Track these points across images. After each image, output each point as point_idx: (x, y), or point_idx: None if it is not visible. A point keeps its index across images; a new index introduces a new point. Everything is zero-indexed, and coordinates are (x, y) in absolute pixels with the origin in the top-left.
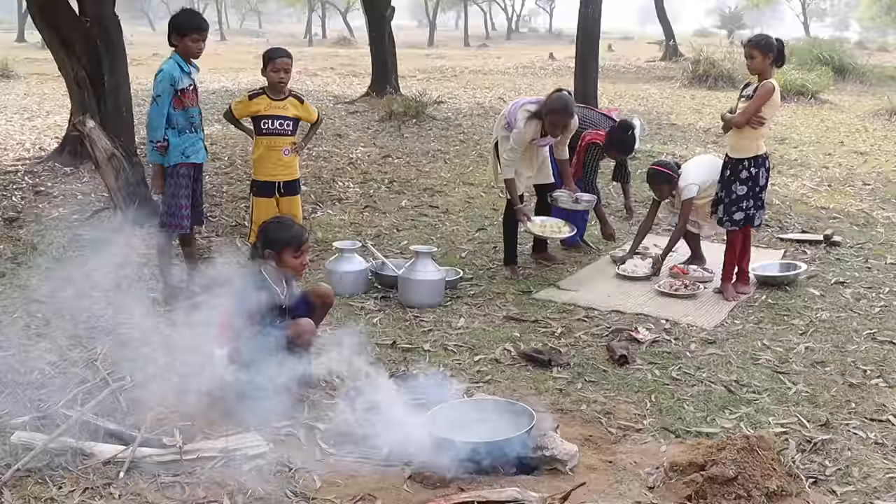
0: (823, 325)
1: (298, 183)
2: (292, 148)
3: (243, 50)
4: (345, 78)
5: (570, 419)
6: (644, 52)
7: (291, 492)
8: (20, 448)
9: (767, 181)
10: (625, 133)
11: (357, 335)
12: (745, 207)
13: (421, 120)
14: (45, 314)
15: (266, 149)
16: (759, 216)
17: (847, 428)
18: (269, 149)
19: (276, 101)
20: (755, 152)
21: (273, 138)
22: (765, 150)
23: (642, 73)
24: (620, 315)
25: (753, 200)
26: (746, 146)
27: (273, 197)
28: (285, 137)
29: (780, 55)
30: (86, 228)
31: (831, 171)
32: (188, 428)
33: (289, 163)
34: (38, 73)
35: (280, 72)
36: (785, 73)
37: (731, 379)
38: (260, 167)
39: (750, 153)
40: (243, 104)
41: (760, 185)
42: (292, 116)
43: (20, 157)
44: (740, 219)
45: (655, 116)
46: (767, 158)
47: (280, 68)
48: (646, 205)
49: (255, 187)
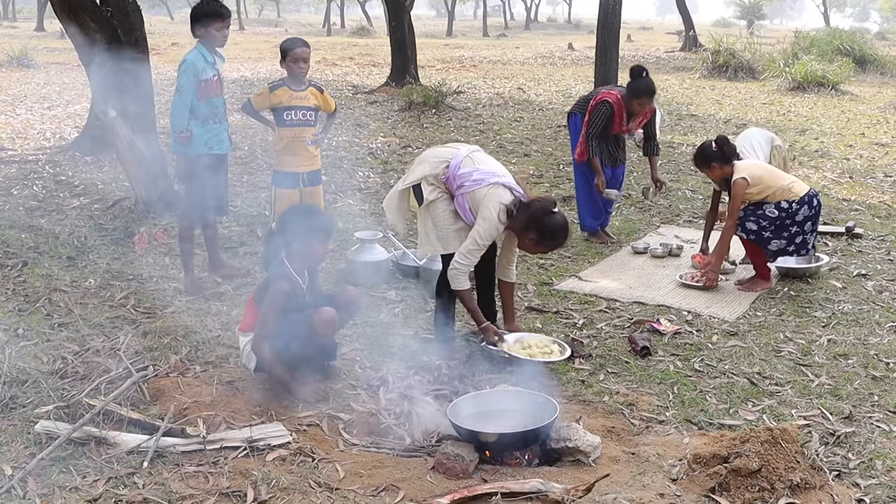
0: (846, 317)
1: (320, 173)
2: (314, 139)
3: (261, 40)
4: (364, 68)
5: (592, 410)
6: (663, 42)
7: (315, 482)
8: (44, 437)
9: (809, 221)
10: (640, 77)
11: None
12: (762, 226)
13: (440, 110)
14: (67, 303)
15: (290, 140)
16: (778, 244)
17: (870, 421)
18: (293, 140)
19: (297, 91)
20: (791, 196)
21: (298, 129)
22: (804, 192)
23: (662, 63)
24: (642, 306)
25: (777, 227)
26: (764, 190)
27: (297, 188)
28: (309, 128)
29: (725, 150)
30: (107, 218)
31: (852, 163)
32: (212, 417)
33: (313, 153)
34: (58, 62)
35: (300, 62)
36: (806, 64)
37: (754, 371)
38: (284, 159)
39: (776, 198)
40: (263, 96)
41: (795, 220)
42: (314, 106)
43: (41, 147)
44: (751, 230)
45: (675, 107)
46: (814, 197)
47: (299, 58)
48: (667, 195)
49: (279, 178)
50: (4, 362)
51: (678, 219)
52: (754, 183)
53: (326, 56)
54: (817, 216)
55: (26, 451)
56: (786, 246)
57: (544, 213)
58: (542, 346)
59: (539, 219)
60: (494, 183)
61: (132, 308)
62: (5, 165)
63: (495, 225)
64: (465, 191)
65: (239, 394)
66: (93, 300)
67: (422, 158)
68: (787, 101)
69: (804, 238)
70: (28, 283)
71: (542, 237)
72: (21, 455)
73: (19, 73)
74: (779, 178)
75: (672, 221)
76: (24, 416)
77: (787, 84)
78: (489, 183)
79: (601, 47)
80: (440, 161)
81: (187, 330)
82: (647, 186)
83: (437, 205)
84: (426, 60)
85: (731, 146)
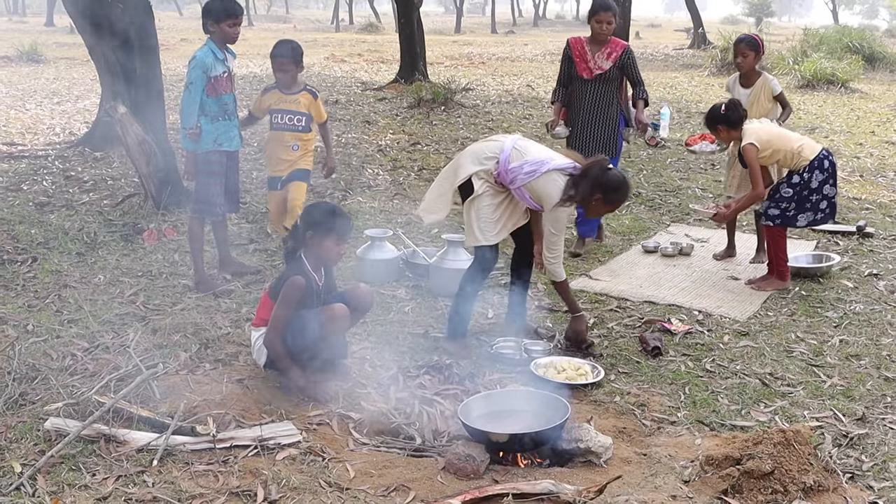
0: (857, 317)
1: (305, 172)
2: (302, 145)
3: (270, 35)
4: (373, 64)
5: (603, 411)
6: (672, 39)
7: (325, 482)
8: (53, 434)
9: (826, 184)
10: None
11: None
12: (783, 208)
13: (449, 107)
14: (76, 299)
15: (274, 143)
16: (806, 218)
17: (883, 422)
18: (275, 142)
19: (286, 94)
20: (800, 163)
21: (280, 133)
22: (814, 154)
23: (670, 60)
24: (653, 306)
25: (797, 203)
26: (774, 155)
27: (277, 191)
28: (294, 132)
29: (731, 115)
30: (116, 214)
31: (863, 162)
32: (221, 416)
33: (292, 160)
34: (67, 57)
35: (278, 71)
36: (815, 61)
37: (766, 371)
38: (268, 161)
39: (796, 165)
40: (258, 100)
41: (812, 188)
42: (303, 111)
43: (50, 142)
44: (775, 215)
45: (684, 105)
46: (824, 159)
47: (278, 68)
48: (676, 194)
49: (268, 179)
50: (14, 358)
51: (688, 217)
52: (763, 147)
53: (335, 52)
54: (833, 175)
55: (36, 448)
56: (814, 216)
57: (602, 174)
58: (577, 368)
59: (600, 180)
60: (547, 171)
61: (142, 305)
62: (15, 161)
63: (562, 209)
64: (521, 184)
65: (249, 392)
66: (102, 296)
67: (468, 153)
68: (796, 98)
69: (830, 202)
70: (38, 278)
71: (606, 196)
72: (30, 452)
73: (29, 69)
74: (788, 141)
75: (682, 220)
76: (33, 413)
77: (797, 82)
78: (542, 172)
79: None
80: (488, 157)
81: (197, 327)
82: (629, 129)
83: (483, 198)
84: (435, 57)
85: (739, 112)
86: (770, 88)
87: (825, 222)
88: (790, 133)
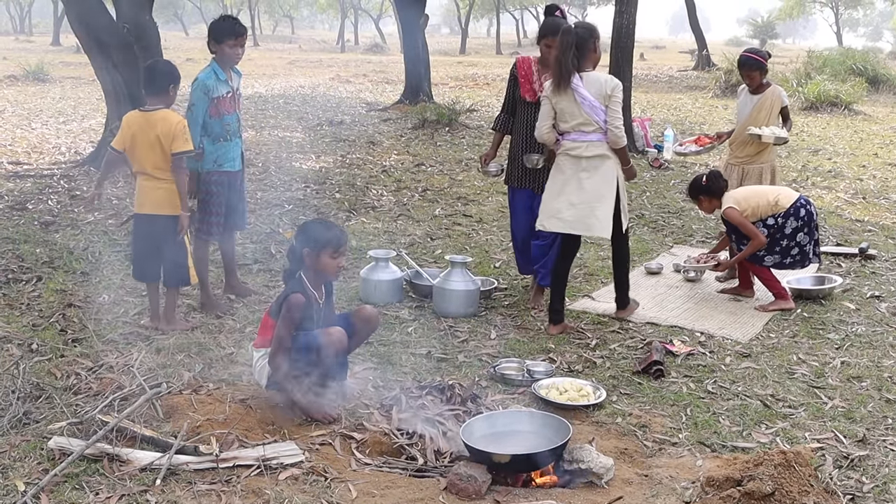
0: (859, 339)
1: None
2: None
3: (276, 56)
4: (378, 85)
5: (605, 432)
6: (676, 61)
7: (328, 502)
8: (57, 453)
9: (801, 231)
10: (552, 14)
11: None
12: (761, 254)
13: (454, 128)
14: (81, 319)
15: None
16: (773, 259)
17: (884, 444)
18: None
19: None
20: (777, 211)
21: None
22: (790, 202)
23: (675, 82)
24: (655, 327)
25: (768, 244)
26: (756, 210)
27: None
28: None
29: (712, 186)
30: (121, 233)
31: (866, 184)
32: (225, 435)
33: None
34: (73, 76)
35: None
36: (818, 83)
37: (767, 393)
38: None
39: (766, 213)
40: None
41: (784, 233)
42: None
43: (56, 161)
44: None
45: (689, 126)
46: (801, 207)
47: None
48: (679, 215)
49: None
50: (19, 377)
51: (691, 239)
52: (743, 208)
53: (340, 73)
54: (809, 224)
55: (39, 466)
56: (781, 260)
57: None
58: (579, 389)
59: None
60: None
61: (145, 324)
62: (21, 180)
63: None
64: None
65: (252, 412)
66: (107, 316)
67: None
68: (799, 121)
69: (801, 249)
70: (42, 297)
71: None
72: (34, 471)
73: (35, 88)
74: (764, 195)
75: (685, 242)
76: (37, 432)
77: (800, 103)
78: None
79: (615, 66)
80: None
81: (201, 347)
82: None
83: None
84: (439, 78)
85: (720, 182)
86: (780, 99)
87: (793, 268)
88: (766, 187)
